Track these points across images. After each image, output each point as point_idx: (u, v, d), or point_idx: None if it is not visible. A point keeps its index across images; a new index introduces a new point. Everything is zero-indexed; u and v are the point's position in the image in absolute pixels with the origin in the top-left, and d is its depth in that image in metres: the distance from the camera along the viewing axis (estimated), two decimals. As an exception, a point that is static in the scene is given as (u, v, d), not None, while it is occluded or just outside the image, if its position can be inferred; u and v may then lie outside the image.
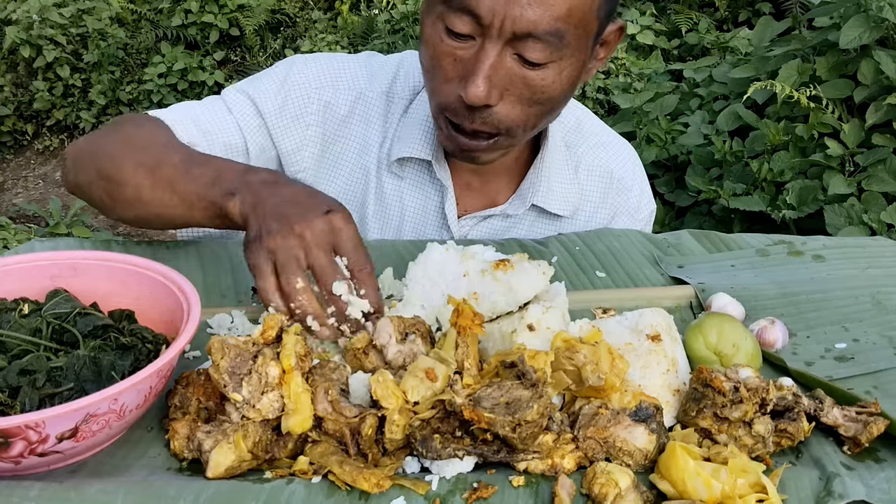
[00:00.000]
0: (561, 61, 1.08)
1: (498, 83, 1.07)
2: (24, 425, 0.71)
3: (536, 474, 0.79)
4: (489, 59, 1.05)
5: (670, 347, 0.90)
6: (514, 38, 1.04)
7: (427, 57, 1.11)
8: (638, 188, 1.42)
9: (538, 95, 1.10)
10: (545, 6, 1.02)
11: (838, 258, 1.21)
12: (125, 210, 1.12)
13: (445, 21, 1.06)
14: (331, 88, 1.30)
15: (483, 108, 1.09)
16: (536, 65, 1.06)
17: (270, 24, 5.63)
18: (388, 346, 0.89)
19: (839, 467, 0.81)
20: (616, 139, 1.44)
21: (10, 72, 5.23)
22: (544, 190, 1.32)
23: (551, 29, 1.03)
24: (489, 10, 1.02)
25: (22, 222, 4.25)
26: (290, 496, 0.75)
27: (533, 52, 1.05)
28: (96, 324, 0.89)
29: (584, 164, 1.38)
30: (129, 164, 1.09)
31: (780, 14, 4.63)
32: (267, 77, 1.30)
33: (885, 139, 2.72)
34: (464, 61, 1.07)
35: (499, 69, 1.06)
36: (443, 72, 1.10)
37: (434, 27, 1.08)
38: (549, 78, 1.08)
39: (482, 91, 1.05)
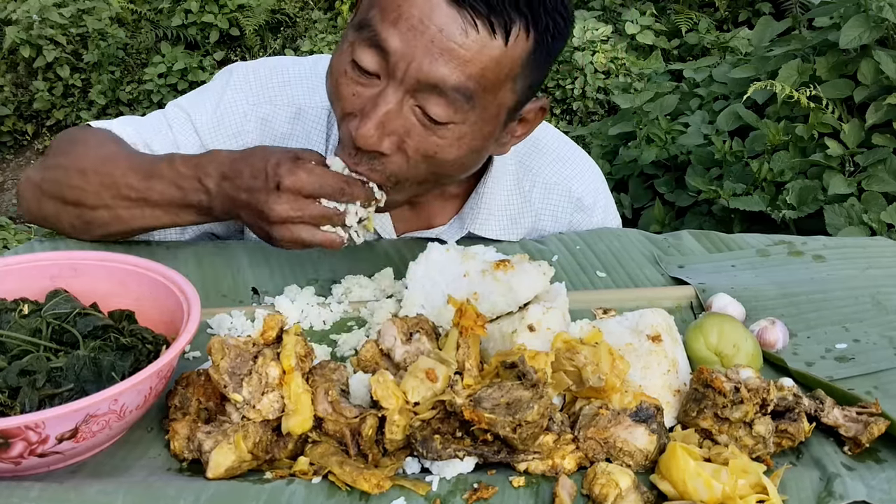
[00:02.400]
0: (463, 125, 0.99)
1: (392, 132, 0.98)
2: (24, 426, 0.71)
3: (537, 475, 0.79)
4: (387, 104, 0.96)
5: (671, 348, 0.90)
6: (417, 88, 0.95)
7: (330, 85, 1.03)
8: (602, 207, 1.36)
9: (431, 154, 1.00)
10: (458, 61, 0.94)
11: (838, 258, 1.21)
12: (102, 230, 1.15)
13: (354, 52, 0.98)
14: (268, 104, 1.23)
15: (374, 154, 1.00)
16: (437, 122, 0.98)
17: (270, 24, 5.62)
18: (395, 347, 0.89)
19: (840, 468, 0.81)
20: (576, 155, 1.37)
21: (10, 72, 5.23)
22: (484, 216, 1.25)
23: (460, 86, 0.95)
24: (397, 49, 0.94)
25: (22, 222, 4.24)
26: (290, 497, 0.75)
27: (435, 108, 0.96)
28: (96, 324, 0.89)
29: (541, 181, 1.32)
30: (92, 189, 1.12)
31: (780, 14, 4.63)
32: (205, 92, 1.26)
33: (885, 139, 2.71)
34: (363, 99, 0.99)
35: (395, 118, 0.97)
36: (342, 103, 1.01)
37: (342, 56, 1.00)
38: (447, 138, 0.99)
39: (373, 135, 0.97)
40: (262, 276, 1.15)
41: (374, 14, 0.96)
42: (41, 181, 1.17)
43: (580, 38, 4.66)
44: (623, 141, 3.48)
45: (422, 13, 0.93)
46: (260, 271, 1.16)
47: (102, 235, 1.16)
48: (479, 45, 0.94)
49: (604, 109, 4.73)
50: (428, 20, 0.93)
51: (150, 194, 1.09)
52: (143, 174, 1.10)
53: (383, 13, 0.95)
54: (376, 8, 0.96)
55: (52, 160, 1.19)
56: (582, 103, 4.71)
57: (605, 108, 4.73)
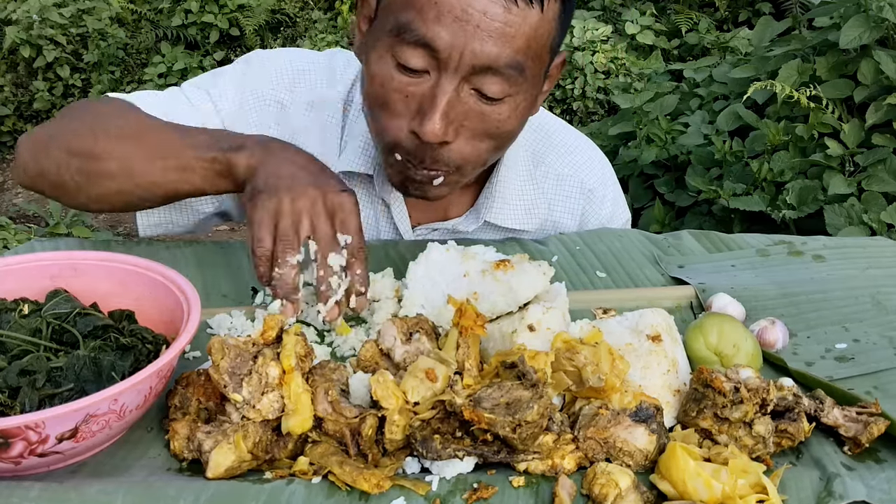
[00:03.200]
0: (517, 95, 1.04)
1: (454, 119, 1.02)
2: (24, 426, 0.71)
3: (537, 475, 0.79)
4: (446, 94, 0.99)
5: (671, 348, 0.90)
6: (472, 73, 0.99)
7: (374, 94, 1.04)
8: (611, 199, 1.38)
9: (493, 130, 1.05)
10: (506, 39, 0.97)
11: (838, 258, 1.21)
12: (104, 186, 1.08)
13: (397, 55, 1.00)
14: (288, 91, 1.24)
15: (438, 145, 1.03)
16: (494, 100, 1.02)
17: (270, 24, 5.63)
18: (395, 347, 0.89)
19: (840, 468, 0.81)
20: (586, 147, 1.39)
21: (10, 72, 5.23)
22: (499, 206, 1.27)
23: (512, 62, 0.99)
24: (448, 44, 0.96)
25: (22, 222, 4.24)
26: (290, 497, 0.75)
27: (492, 87, 1.00)
28: (96, 324, 0.89)
29: (553, 172, 1.34)
30: (109, 137, 1.07)
31: (780, 14, 4.64)
32: (226, 75, 1.25)
33: (885, 139, 2.71)
34: (416, 97, 1.01)
35: (455, 105, 1.01)
36: (392, 108, 1.03)
37: (382, 62, 1.02)
38: (505, 112, 1.04)
39: (439, 129, 1.00)
40: (262, 276, 1.15)
41: (412, 16, 0.98)
42: (49, 134, 1.13)
43: (580, 38, 4.66)
44: (623, 141, 3.48)
45: (461, 2, 0.96)
46: (260, 271, 1.16)
47: (99, 195, 1.09)
48: (521, 19, 0.98)
49: (604, 109, 4.73)
50: (470, 7, 0.96)
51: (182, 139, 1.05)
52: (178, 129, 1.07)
53: (422, 13, 0.97)
54: (412, 10, 0.98)
55: (66, 115, 1.15)
56: (582, 103, 4.71)
57: (605, 108, 4.73)
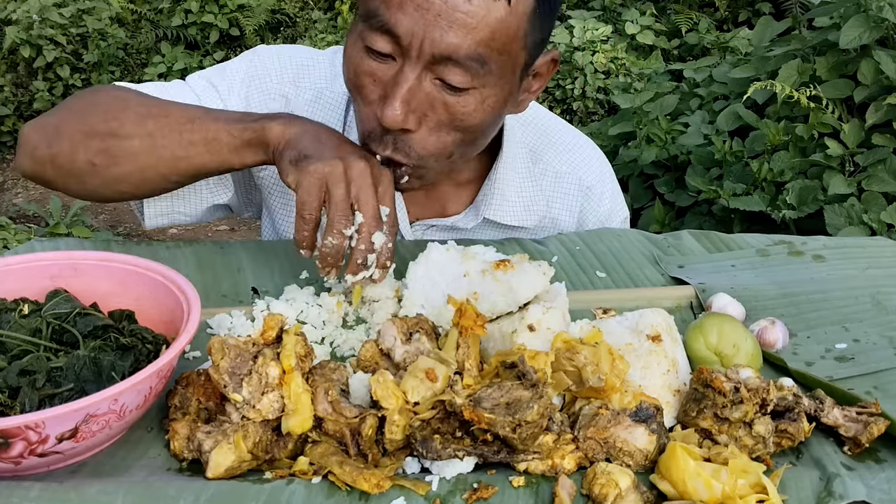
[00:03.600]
0: (483, 89, 1.02)
1: (416, 107, 1.01)
2: (24, 426, 0.71)
3: (537, 475, 0.79)
4: (407, 81, 0.99)
5: (671, 348, 0.90)
6: (433, 62, 0.99)
7: (348, 78, 1.06)
8: (609, 196, 1.38)
9: (458, 122, 1.04)
10: (466, 29, 0.96)
11: (838, 258, 1.21)
12: (124, 166, 1.08)
13: (365, 39, 1.01)
14: (292, 84, 1.26)
15: (399, 134, 1.03)
16: (457, 90, 1.01)
17: (270, 24, 5.63)
18: (395, 347, 0.89)
19: (840, 468, 0.81)
20: (584, 144, 1.39)
21: (10, 72, 5.23)
22: (498, 202, 1.27)
23: (472, 54, 0.98)
24: (408, 31, 0.97)
25: (22, 222, 4.24)
26: (290, 497, 0.75)
27: (454, 77, 0.99)
28: (96, 324, 0.89)
29: (552, 170, 1.34)
30: (130, 116, 1.07)
31: (780, 14, 4.64)
32: (231, 69, 1.26)
33: (885, 139, 2.71)
34: (382, 82, 1.02)
35: (417, 93, 1.00)
36: (363, 93, 1.04)
37: (355, 46, 1.03)
38: (470, 105, 1.02)
39: (399, 114, 1.00)
40: (262, 276, 1.15)
41: (378, 2, 0.99)
42: (61, 117, 1.12)
43: (580, 38, 4.66)
44: (623, 141, 3.48)
45: None
46: (260, 271, 1.16)
47: (118, 176, 1.09)
48: (485, 10, 0.97)
49: (604, 109, 4.73)
50: None
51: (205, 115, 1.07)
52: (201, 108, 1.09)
53: (387, 0, 0.98)
54: None
55: (77, 99, 1.14)
56: (582, 103, 4.71)
57: (605, 108, 4.73)
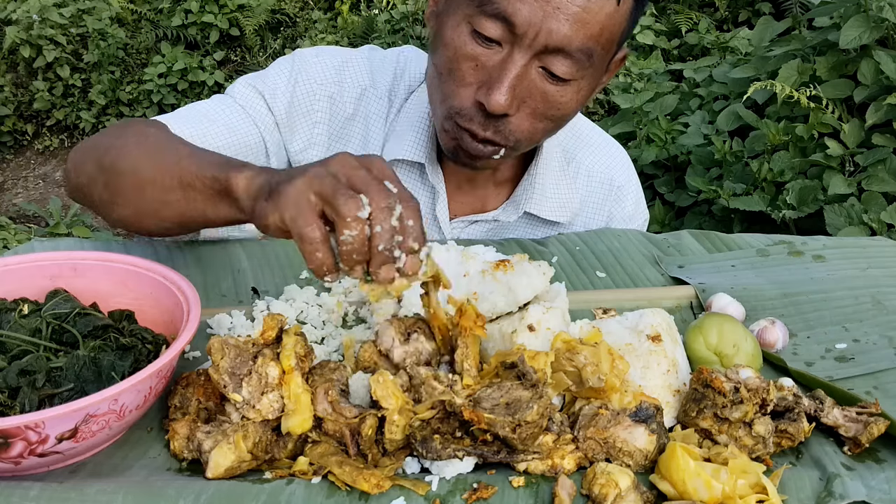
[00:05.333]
0: (581, 80, 1.07)
1: (519, 94, 1.06)
2: (24, 426, 0.71)
3: (536, 475, 0.79)
4: (516, 68, 1.03)
5: (671, 348, 0.90)
6: (544, 52, 1.03)
7: (445, 59, 1.08)
8: (633, 197, 1.42)
9: (552, 111, 1.09)
10: (581, 23, 1.01)
11: (838, 258, 1.21)
12: (123, 204, 1.03)
13: (474, 24, 1.04)
14: (336, 84, 1.28)
15: (500, 117, 1.07)
16: (560, 80, 1.05)
17: (270, 24, 5.63)
18: (393, 348, 0.89)
19: (839, 468, 0.81)
20: (612, 144, 1.43)
21: (10, 72, 5.23)
22: (538, 197, 1.31)
23: (583, 47, 1.03)
24: (526, 20, 1.00)
25: (22, 222, 4.25)
26: (289, 496, 0.75)
27: (561, 68, 1.04)
28: (96, 324, 0.89)
29: (584, 169, 1.38)
30: (130, 153, 1.03)
31: (780, 14, 4.63)
32: (274, 73, 1.28)
33: (885, 139, 2.71)
34: (486, 68, 1.05)
35: (523, 80, 1.05)
36: (461, 75, 1.07)
37: (458, 29, 1.06)
38: (567, 95, 1.08)
39: (505, 100, 1.04)
40: (262, 276, 1.15)
41: None
42: (84, 147, 1.13)
43: (580, 38, 4.65)
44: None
45: None
46: (260, 271, 1.16)
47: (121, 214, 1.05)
48: (598, 7, 1.01)
49: (604, 109, 4.73)
50: None
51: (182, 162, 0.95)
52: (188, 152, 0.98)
53: None
54: None
55: (103, 132, 1.15)
56: (582, 103, 4.70)
57: (605, 108, 4.73)
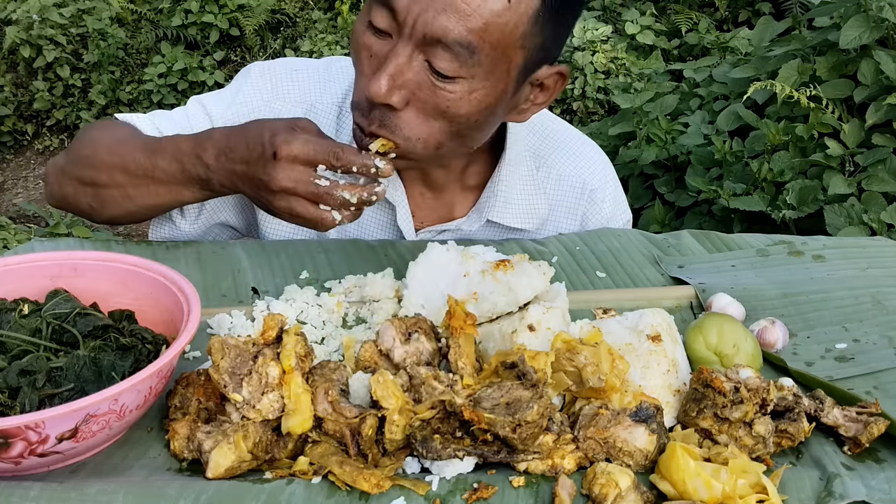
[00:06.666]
0: (472, 80, 1.02)
1: (403, 85, 1.02)
2: (24, 426, 0.71)
3: (537, 475, 0.79)
4: (398, 57, 1.01)
5: (671, 348, 0.90)
6: (424, 42, 1.00)
7: (351, 51, 1.11)
8: (611, 199, 1.39)
9: (444, 109, 1.04)
10: (459, 15, 0.98)
11: (838, 258, 1.21)
12: (115, 209, 1.19)
13: (370, 15, 1.04)
14: (280, 100, 1.27)
15: (385, 110, 1.04)
16: (444, 76, 1.02)
17: (270, 24, 5.62)
18: (394, 348, 0.88)
19: (840, 468, 0.81)
20: (588, 147, 1.40)
21: (10, 72, 5.23)
22: (501, 204, 1.28)
23: (462, 40, 0.98)
24: (405, 7, 0.99)
25: (22, 222, 4.24)
26: (290, 496, 0.75)
27: (441, 62, 1.00)
28: (96, 324, 0.89)
29: (555, 173, 1.34)
30: (104, 168, 1.17)
31: (780, 14, 4.63)
32: (224, 91, 1.31)
33: (885, 139, 2.71)
34: (378, 58, 1.04)
35: (405, 71, 1.02)
36: (360, 67, 1.07)
37: (359, 21, 1.07)
38: (457, 93, 1.03)
39: (383, 87, 1.01)
40: (262, 276, 1.15)
41: None
42: (63, 164, 1.23)
43: (580, 38, 4.66)
44: (623, 141, 3.48)
45: None
46: (260, 271, 1.16)
47: (115, 216, 1.20)
48: (481, 0, 0.98)
49: (604, 109, 4.73)
50: None
51: (154, 171, 1.14)
52: (148, 152, 1.15)
53: None
54: None
55: (74, 146, 1.25)
56: (582, 103, 4.71)
57: (605, 108, 4.73)
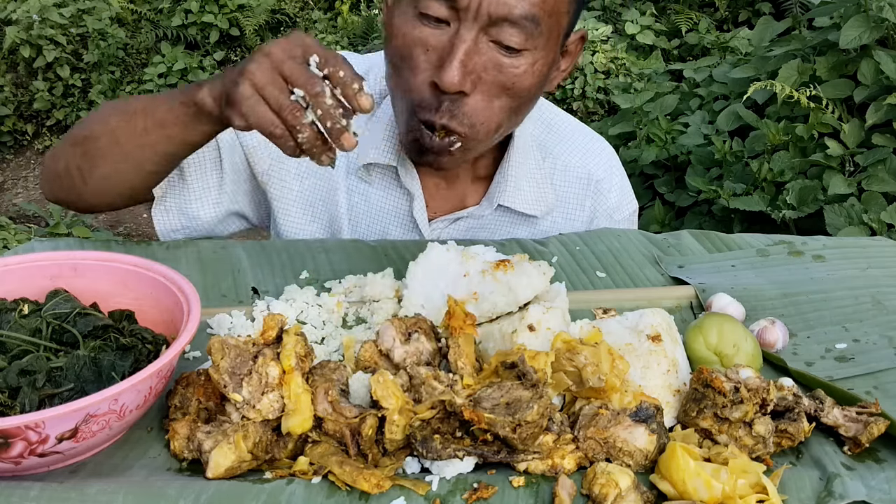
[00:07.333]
0: (535, 51, 1.06)
1: (472, 69, 1.05)
2: (24, 426, 0.71)
3: (537, 475, 0.79)
4: (465, 43, 1.03)
5: (671, 348, 0.90)
6: (490, 23, 1.03)
7: (396, 49, 1.09)
8: (617, 189, 1.40)
9: (509, 85, 1.07)
10: None
11: (838, 258, 1.21)
12: (101, 168, 1.13)
13: (419, 6, 1.04)
14: None
15: (455, 98, 1.06)
16: (513, 51, 1.05)
17: (270, 24, 5.63)
18: (394, 348, 0.88)
19: (839, 468, 0.81)
20: (593, 139, 1.42)
21: (10, 72, 5.23)
22: (511, 190, 1.30)
23: (527, 13, 1.02)
24: None
25: (22, 222, 4.25)
26: (290, 496, 0.75)
27: (510, 37, 1.03)
28: (96, 324, 0.89)
29: (561, 164, 1.36)
30: (98, 118, 1.14)
31: (780, 14, 4.63)
32: None
33: (885, 139, 2.71)
34: (437, 49, 1.05)
35: (474, 55, 1.04)
36: (414, 62, 1.07)
37: (404, 15, 1.06)
38: (522, 66, 1.06)
39: (457, 76, 1.03)
40: (262, 276, 1.15)
41: None
42: (61, 140, 1.21)
43: (580, 38, 4.65)
44: (623, 141, 3.48)
45: None
46: (260, 271, 1.16)
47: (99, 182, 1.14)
48: None
49: (604, 109, 4.73)
50: None
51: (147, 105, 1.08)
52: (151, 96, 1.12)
53: None
54: None
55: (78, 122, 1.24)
56: (582, 103, 4.71)
57: (605, 108, 4.73)
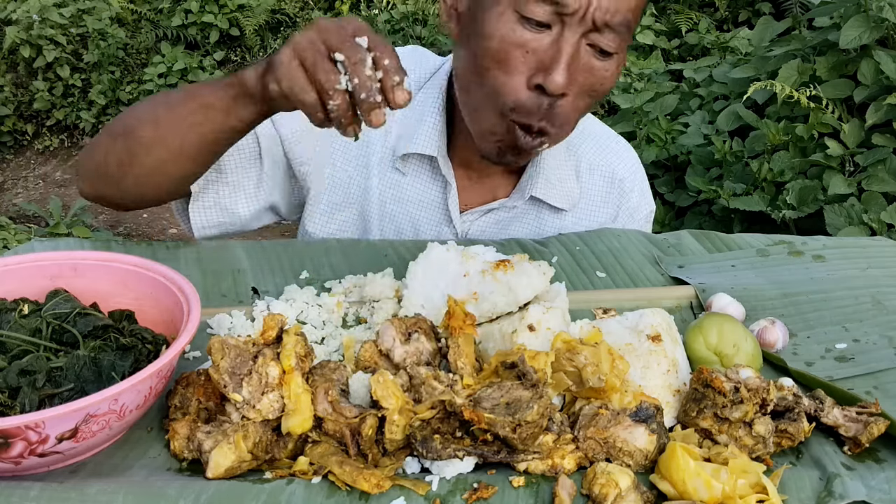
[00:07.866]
0: (621, 53, 1.10)
1: (573, 73, 1.08)
2: (24, 426, 0.71)
3: (537, 475, 0.79)
4: (569, 46, 1.06)
5: (671, 348, 0.90)
6: (593, 28, 1.05)
7: (490, 51, 1.08)
8: (638, 189, 1.43)
9: (597, 87, 1.11)
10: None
11: (838, 258, 1.21)
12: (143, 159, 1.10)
13: (521, 10, 1.05)
14: None
15: (553, 101, 1.09)
16: (606, 55, 1.08)
17: (270, 24, 5.62)
18: (394, 348, 0.89)
19: (839, 468, 0.81)
20: (617, 140, 1.45)
21: (10, 72, 5.23)
22: (543, 182, 1.32)
23: (624, 20, 1.06)
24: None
25: (22, 222, 4.25)
26: (290, 496, 0.75)
27: (608, 42, 1.07)
28: (96, 324, 0.89)
29: (586, 163, 1.39)
30: (140, 109, 1.13)
31: (780, 14, 4.63)
32: None
33: (885, 139, 2.71)
34: (537, 52, 1.07)
35: (575, 59, 1.07)
36: (512, 65, 1.08)
37: (503, 18, 1.06)
38: (611, 69, 1.10)
39: (564, 80, 1.06)
40: (262, 276, 1.15)
41: None
42: (98, 137, 1.20)
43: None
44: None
45: None
46: (260, 271, 1.16)
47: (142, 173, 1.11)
48: None
49: (604, 109, 4.73)
50: None
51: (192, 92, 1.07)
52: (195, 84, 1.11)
53: None
54: None
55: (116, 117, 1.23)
56: (582, 103, 4.70)
57: (605, 108, 4.73)
